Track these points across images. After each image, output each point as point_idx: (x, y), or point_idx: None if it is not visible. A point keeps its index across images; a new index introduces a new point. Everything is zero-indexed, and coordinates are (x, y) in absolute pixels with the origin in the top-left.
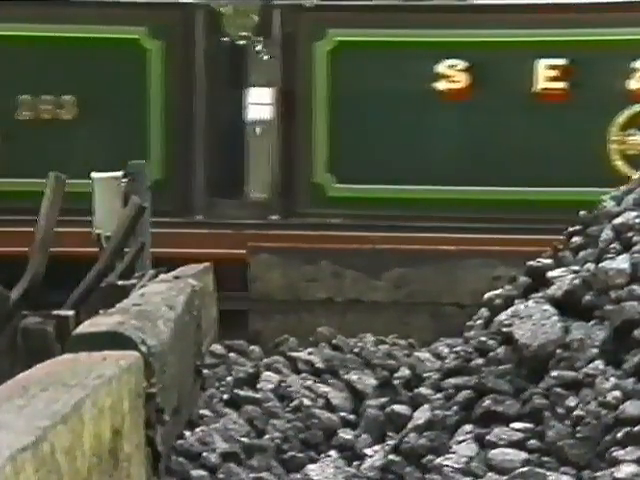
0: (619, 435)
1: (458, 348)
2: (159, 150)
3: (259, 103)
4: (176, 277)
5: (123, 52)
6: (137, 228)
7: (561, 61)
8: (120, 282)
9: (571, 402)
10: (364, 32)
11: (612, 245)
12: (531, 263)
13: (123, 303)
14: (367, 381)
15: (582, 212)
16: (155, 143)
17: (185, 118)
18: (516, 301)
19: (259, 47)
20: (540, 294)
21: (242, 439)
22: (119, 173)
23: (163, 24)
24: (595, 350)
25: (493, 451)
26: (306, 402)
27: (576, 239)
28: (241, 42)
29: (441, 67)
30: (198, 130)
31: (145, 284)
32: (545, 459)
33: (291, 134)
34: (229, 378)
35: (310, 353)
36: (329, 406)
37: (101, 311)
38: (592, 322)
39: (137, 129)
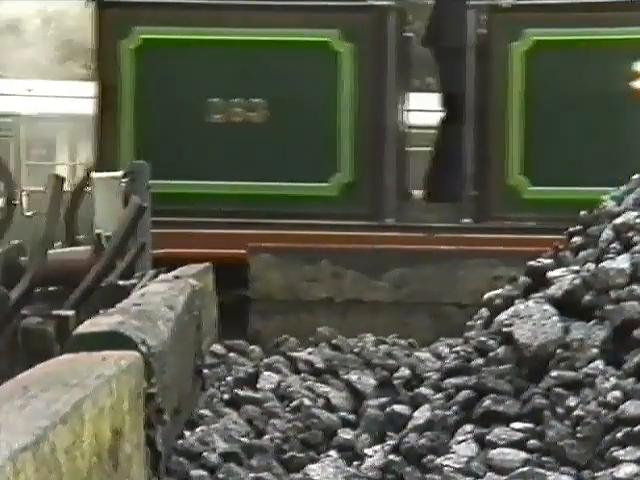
0: (619, 435)
1: (458, 348)
2: (349, 153)
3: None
4: (176, 277)
5: (314, 55)
6: (137, 228)
7: None
8: (120, 282)
9: (571, 402)
10: (561, 31)
11: (612, 245)
12: (531, 263)
13: (123, 303)
14: (367, 381)
15: (582, 212)
16: (345, 146)
17: (375, 121)
18: (516, 301)
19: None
20: (540, 294)
21: (242, 439)
22: (119, 173)
23: (355, 26)
24: (595, 350)
25: (493, 451)
26: (306, 402)
27: (576, 239)
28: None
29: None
30: (388, 133)
31: (145, 284)
32: (545, 459)
33: (484, 136)
34: (229, 378)
35: (310, 353)
36: (329, 406)
37: (101, 311)
38: (592, 322)
39: (327, 132)
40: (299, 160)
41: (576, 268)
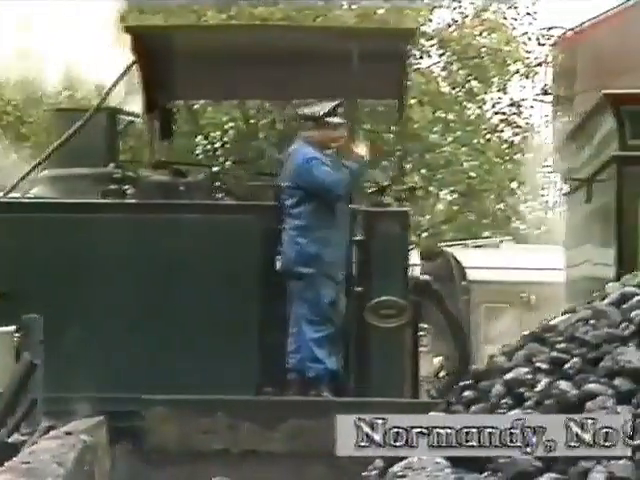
0: None
1: None
2: None
3: None
4: (67, 433)
5: None
6: (28, 384)
7: None
8: (10, 439)
9: None
10: None
11: (504, 400)
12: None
13: (12, 461)
14: None
15: (474, 366)
16: None
17: None
18: None
19: None
20: None
21: None
22: (11, 328)
23: None
24: None
25: None
26: None
27: (467, 393)
28: None
29: None
30: None
31: (36, 440)
32: None
33: None
34: None
35: None
36: None
37: None
38: (485, 474)
39: None
40: None
41: None
